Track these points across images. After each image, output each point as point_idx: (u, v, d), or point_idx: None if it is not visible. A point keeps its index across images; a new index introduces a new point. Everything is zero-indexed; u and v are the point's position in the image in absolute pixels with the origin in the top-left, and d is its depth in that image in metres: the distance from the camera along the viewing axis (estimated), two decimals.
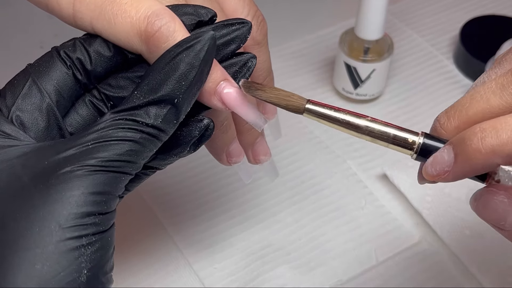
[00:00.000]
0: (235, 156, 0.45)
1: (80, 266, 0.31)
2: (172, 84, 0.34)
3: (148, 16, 0.35)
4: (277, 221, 0.56)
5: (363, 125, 0.36)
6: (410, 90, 0.68)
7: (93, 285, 0.32)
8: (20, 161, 0.33)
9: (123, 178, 0.34)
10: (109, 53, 0.36)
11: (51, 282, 0.30)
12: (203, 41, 0.34)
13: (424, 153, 0.35)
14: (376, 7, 0.59)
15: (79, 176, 0.32)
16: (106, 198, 0.33)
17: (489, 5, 0.77)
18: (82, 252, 0.31)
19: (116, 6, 0.35)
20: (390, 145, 0.36)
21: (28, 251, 0.31)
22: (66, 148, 0.33)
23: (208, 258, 0.54)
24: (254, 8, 0.44)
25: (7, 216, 0.31)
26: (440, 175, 0.35)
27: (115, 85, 0.37)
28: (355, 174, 0.60)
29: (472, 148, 0.33)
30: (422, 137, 0.35)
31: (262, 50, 0.44)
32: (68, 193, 0.31)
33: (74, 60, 0.36)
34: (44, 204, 0.31)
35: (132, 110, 0.34)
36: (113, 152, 0.33)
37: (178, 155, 0.38)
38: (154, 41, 0.35)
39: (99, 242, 0.32)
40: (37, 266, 0.30)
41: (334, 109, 0.36)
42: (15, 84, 0.36)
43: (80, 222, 0.31)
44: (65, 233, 0.31)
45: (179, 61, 0.34)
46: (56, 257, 0.31)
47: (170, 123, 0.35)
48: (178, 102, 0.35)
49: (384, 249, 0.55)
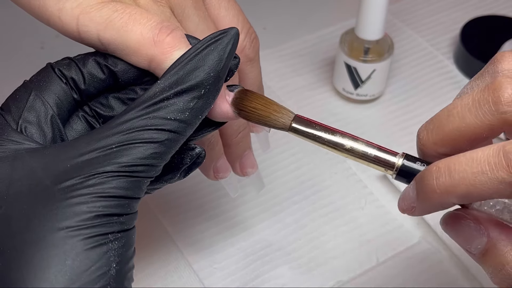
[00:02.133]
0: (222, 171, 0.46)
1: (109, 260, 0.32)
2: (202, 74, 0.35)
3: (159, 22, 0.36)
4: (277, 221, 0.56)
5: (345, 144, 0.36)
6: (410, 90, 0.68)
7: (121, 278, 0.32)
8: (40, 165, 0.33)
9: (145, 182, 0.34)
10: (103, 75, 0.37)
11: (83, 276, 0.31)
12: (229, 36, 0.35)
13: (403, 174, 0.36)
14: (376, 7, 0.59)
15: (101, 181, 0.32)
16: (128, 202, 0.33)
17: (490, 5, 0.77)
18: (110, 247, 0.32)
19: (125, 16, 0.36)
20: (370, 164, 0.36)
21: (57, 248, 0.31)
22: (89, 150, 0.33)
23: (208, 258, 0.54)
24: (247, 26, 0.45)
25: (31, 217, 0.32)
26: (408, 210, 0.35)
27: (105, 104, 0.38)
28: (355, 174, 0.60)
29: (428, 187, 0.33)
30: (402, 158, 0.36)
31: (254, 66, 0.46)
32: (90, 196, 0.32)
33: (69, 79, 0.37)
34: (70, 206, 0.32)
35: (160, 102, 0.34)
36: (136, 156, 0.33)
37: (168, 181, 0.39)
38: (166, 44, 0.36)
39: (124, 239, 0.33)
40: (67, 261, 0.31)
41: (320, 127, 0.37)
42: (17, 98, 0.36)
43: (106, 221, 0.32)
44: (92, 231, 0.32)
45: (209, 53, 0.35)
46: (86, 252, 0.31)
47: (196, 117, 0.35)
48: (204, 94, 0.35)
49: (384, 249, 0.55)
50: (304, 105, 0.66)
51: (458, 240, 0.36)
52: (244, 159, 0.48)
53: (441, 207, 0.34)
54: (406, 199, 0.35)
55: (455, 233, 0.36)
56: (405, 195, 0.35)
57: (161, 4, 0.39)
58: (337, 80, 0.65)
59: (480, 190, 0.31)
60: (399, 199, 0.36)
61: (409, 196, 0.35)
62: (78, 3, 0.37)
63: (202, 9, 0.42)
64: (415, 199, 0.34)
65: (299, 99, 0.66)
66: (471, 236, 0.35)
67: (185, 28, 0.41)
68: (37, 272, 0.31)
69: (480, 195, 0.31)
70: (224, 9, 0.44)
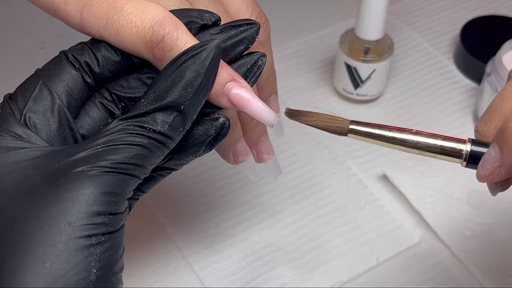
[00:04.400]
0: (241, 155, 0.45)
1: (90, 265, 0.31)
2: (178, 91, 0.35)
3: (152, 26, 0.36)
4: (277, 221, 0.56)
5: (409, 139, 0.36)
6: (410, 90, 0.68)
7: (103, 284, 0.32)
8: (31, 163, 0.33)
9: (132, 181, 0.34)
10: (117, 57, 0.37)
11: (60, 280, 0.30)
12: (208, 49, 0.35)
13: (473, 160, 0.35)
14: (376, 7, 0.59)
15: (89, 176, 0.32)
16: (115, 199, 0.33)
17: (490, 5, 0.77)
18: (91, 251, 0.31)
19: (122, 16, 0.36)
20: (438, 155, 0.36)
21: (37, 249, 0.31)
22: (76, 152, 0.33)
23: (208, 258, 0.54)
24: (257, 9, 0.45)
25: (17, 215, 0.32)
26: (492, 174, 0.34)
27: (126, 86, 0.37)
28: (355, 174, 0.60)
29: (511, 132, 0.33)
30: (470, 144, 0.35)
31: (265, 50, 0.44)
32: (78, 192, 0.32)
33: (82, 63, 0.37)
34: (55, 203, 0.31)
35: (140, 117, 0.35)
36: (122, 155, 0.33)
37: (194, 155, 0.38)
38: (159, 50, 0.36)
39: (109, 242, 0.32)
40: (46, 264, 0.30)
41: (378, 126, 0.37)
42: (25, 87, 0.36)
43: (90, 221, 0.32)
44: (75, 232, 0.31)
45: (185, 69, 0.35)
46: (65, 256, 0.31)
47: (176, 130, 0.35)
48: (184, 109, 0.35)
49: (384, 249, 0.55)
50: (304, 105, 0.66)
51: None
52: (260, 145, 0.47)
53: None
54: (488, 161, 0.34)
55: None
56: (485, 159, 0.34)
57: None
58: (337, 80, 0.65)
59: None
60: (479, 167, 0.35)
61: (491, 156, 0.34)
62: None
63: None
64: (498, 156, 0.34)
65: (299, 99, 0.66)
66: None
67: None
68: (16, 272, 0.31)
69: None
70: None
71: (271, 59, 0.46)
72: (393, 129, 0.36)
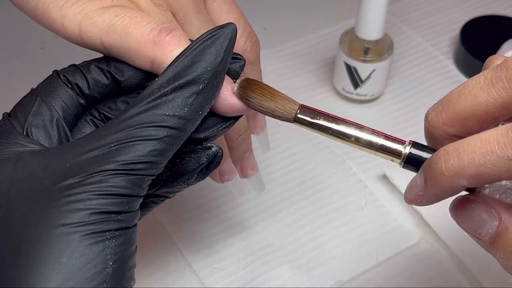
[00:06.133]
0: (227, 174, 0.47)
1: (106, 258, 0.32)
2: (199, 69, 0.35)
3: (159, 24, 0.37)
4: (277, 221, 0.56)
5: (350, 133, 0.36)
6: (410, 90, 0.68)
7: (119, 276, 0.32)
8: (41, 165, 0.33)
9: (145, 179, 0.34)
10: (106, 80, 0.38)
11: (78, 273, 0.31)
12: (226, 31, 0.36)
13: (411, 162, 0.35)
14: (376, 7, 0.59)
15: (99, 179, 0.32)
16: (127, 200, 0.33)
17: (489, 5, 0.77)
18: (106, 245, 0.32)
19: (126, 20, 0.37)
20: (377, 153, 0.36)
21: (52, 246, 0.31)
22: (88, 150, 0.33)
23: (208, 258, 0.54)
24: (248, 29, 0.46)
25: (29, 216, 0.32)
26: (416, 200, 0.35)
27: (114, 108, 0.38)
28: (355, 174, 0.60)
29: (437, 171, 0.33)
30: (409, 146, 0.35)
31: (254, 69, 0.46)
32: (87, 194, 0.32)
33: (73, 85, 0.37)
34: (67, 204, 0.32)
35: (158, 99, 0.34)
36: (135, 154, 0.33)
37: (186, 182, 0.38)
38: (166, 43, 0.36)
39: (123, 237, 0.33)
40: (62, 259, 0.31)
41: (324, 117, 0.37)
42: (24, 104, 0.37)
43: (103, 219, 0.32)
44: (88, 228, 0.32)
45: (206, 47, 0.35)
46: (81, 250, 0.31)
47: (196, 113, 0.35)
48: (203, 89, 0.35)
49: (384, 249, 0.55)
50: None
51: (467, 226, 0.35)
52: (245, 161, 0.48)
53: (450, 191, 0.33)
54: (413, 188, 0.35)
55: (465, 218, 0.35)
56: (412, 184, 0.35)
57: (163, 8, 0.40)
58: (337, 80, 0.65)
59: (490, 170, 0.31)
60: (406, 190, 0.35)
61: (416, 184, 0.34)
62: (80, 9, 0.37)
63: (203, 13, 0.43)
64: (422, 186, 0.34)
65: (299, 99, 0.65)
66: (482, 220, 0.34)
67: (187, 32, 0.41)
68: (33, 270, 0.31)
69: (490, 175, 0.31)
70: (225, 13, 0.45)
71: (260, 78, 0.47)
72: (339, 120, 0.36)
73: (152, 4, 0.39)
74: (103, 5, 0.37)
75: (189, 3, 0.42)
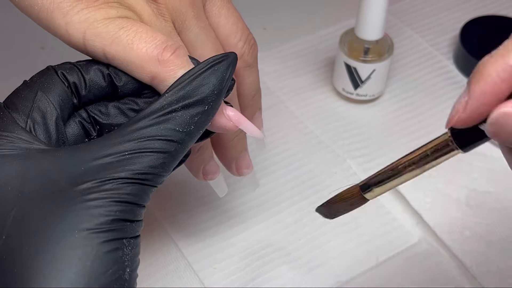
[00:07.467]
0: (210, 173, 0.48)
1: (124, 264, 0.33)
2: (207, 91, 0.36)
3: (164, 41, 0.37)
4: (277, 221, 0.56)
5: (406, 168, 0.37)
6: (410, 90, 0.68)
7: (132, 283, 0.34)
8: (54, 166, 0.34)
9: (152, 190, 0.35)
10: (104, 83, 0.38)
11: (101, 278, 0.32)
12: (229, 60, 0.38)
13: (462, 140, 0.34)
14: (376, 7, 0.59)
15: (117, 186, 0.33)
16: (138, 209, 0.34)
17: (490, 5, 0.77)
18: (124, 252, 0.33)
19: (132, 34, 0.37)
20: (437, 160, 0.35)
21: (77, 249, 0.32)
22: (102, 155, 0.34)
23: (208, 258, 0.54)
24: (246, 32, 0.47)
25: (49, 216, 0.32)
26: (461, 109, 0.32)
27: (104, 112, 0.38)
28: (355, 174, 0.60)
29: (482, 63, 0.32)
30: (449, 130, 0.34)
31: (252, 71, 0.47)
32: (107, 200, 0.33)
33: (70, 83, 0.37)
34: (87, 208, 0.32)
35: (169, 114, 0.36)
36: (147, 164, 0.35)
37: None
38: (171, 63, 0.37)
39: (136, 244, 0.34)
40: (87, 263, 0.32)
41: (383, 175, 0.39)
42: (23, 97, 0.36)
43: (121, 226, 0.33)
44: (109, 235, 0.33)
45: (213, 72, 0.37)
46: (104, 255, 0.32)
47: (198, 131, 0.37)
48: (207, 110, 0.37)
49: (384, 249, 0.55)
50: (304, 106, 0.66)
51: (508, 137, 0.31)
52: (240, 160, 0.49)
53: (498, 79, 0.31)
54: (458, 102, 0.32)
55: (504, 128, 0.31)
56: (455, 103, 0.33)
57: (164, 19, 0.41)
58: (337, 80, 0.66)
59: None
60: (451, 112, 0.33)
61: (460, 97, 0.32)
62: (85, 17, 0.37)
63: (203, 19, 0.44)
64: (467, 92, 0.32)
65: (299, 100, 0.67)
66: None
67: (185, 38, 0.42)
68: (58, 271, 0.31)
69: None
70: (224, 17, 0.45)
71: (257, 80, 0.48)
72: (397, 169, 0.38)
73: (153, 16, 0.40)
74: (108, 16, 0.37)
75: (189, 10, 0.42)
